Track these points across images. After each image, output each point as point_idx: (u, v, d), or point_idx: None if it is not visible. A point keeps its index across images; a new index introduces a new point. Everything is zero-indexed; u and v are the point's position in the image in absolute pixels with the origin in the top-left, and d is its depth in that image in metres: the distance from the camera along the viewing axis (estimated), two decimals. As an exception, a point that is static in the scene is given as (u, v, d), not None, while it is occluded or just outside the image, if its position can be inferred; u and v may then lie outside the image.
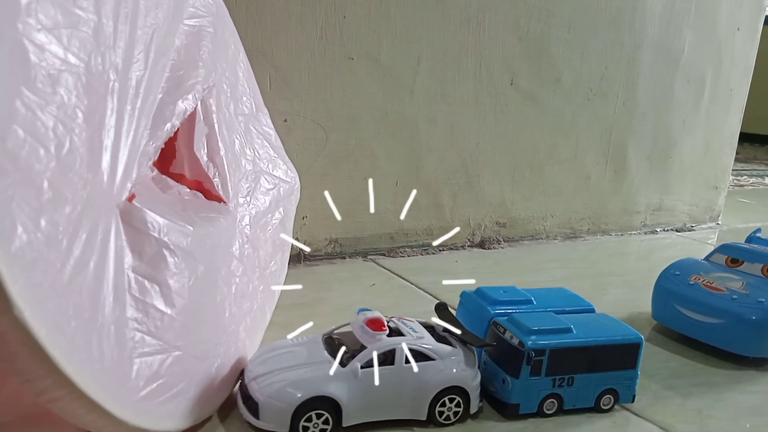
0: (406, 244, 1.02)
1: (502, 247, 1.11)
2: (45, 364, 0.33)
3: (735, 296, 0.68)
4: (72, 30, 0.36)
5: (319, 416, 0.48)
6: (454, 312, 0.60)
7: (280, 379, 0.48)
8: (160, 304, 0.43)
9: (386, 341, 0.50)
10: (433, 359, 0.51)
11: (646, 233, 1.31)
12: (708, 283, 0.72)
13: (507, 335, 0.54)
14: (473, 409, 0.53)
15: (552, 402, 0.54)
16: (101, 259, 0.38)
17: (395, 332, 0.52)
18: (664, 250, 1.20)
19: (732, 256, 0.77)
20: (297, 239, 0.91)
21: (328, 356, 0.50)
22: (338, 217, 0.92)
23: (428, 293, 0.85)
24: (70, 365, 0.34)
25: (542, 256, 1.09)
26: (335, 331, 0.55)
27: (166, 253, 0.44)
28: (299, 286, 0.78)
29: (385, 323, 0.52)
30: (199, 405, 0.47)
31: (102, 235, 0.38)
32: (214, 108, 0.56)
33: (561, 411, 0.55)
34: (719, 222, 1.44)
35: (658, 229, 1.34)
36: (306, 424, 0.48)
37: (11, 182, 0.31)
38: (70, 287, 0.35)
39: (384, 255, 1.00)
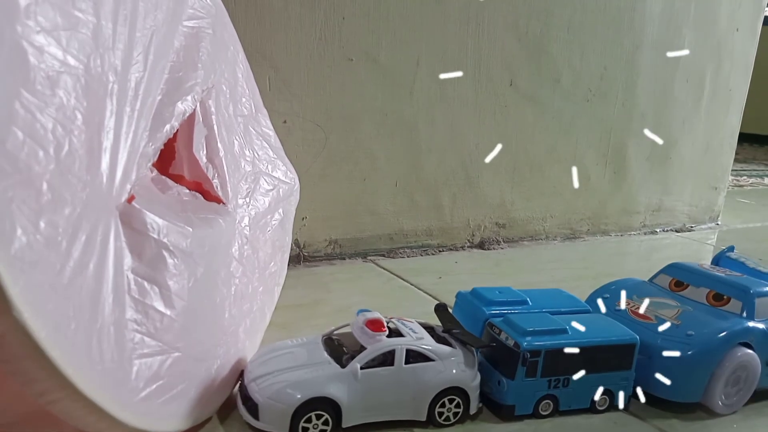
0: (405, 245, 1.02)
1: (502, 248, 1.11)
2: (45, 366, 0.33)
3: (662, 327, 0.58)
4: (71, 32, 0.36)
5: (318, 417, 0.48)
6: (453, 313, 0.60)
7: (280, 380, 0.48)
8: (159, 306, 0.43)
9: (386, 342, 0.50)
10: (432, 360, 0.51)
11: (645, 234, 1.31)
12: (635, 310, 0.61)
13: (502, 336, 0.54)
14: (473, 410, 0.53)
15: (548, 403, 0.54)
16: (101, 261, 0.38)
17: (395, 333, 0.52)
18: (663, 250, 1.20)
19: (677, 278, 0.65)
20: (297, 240, 0.91)
21: (328, 357, 0.51)
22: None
23: (428, 294, 0.85)
24: (70, 367, 0.34)
25: (542, 256, 1.09)
26: (335, 332, 0.55)
27: (166, 254, 0.44)
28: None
29: (385, 324, 0.52)
30: (199, 406, 0.48)
31: (101, 237, 0.38)
32: (213, 109, 0.56)
33: (557, 412, 0.55)
34: (719, 222, 1.44)
35: (658, 230, 1.34)
36: (306, 425, 0.48)
37: (11, 184, 0.31)
38: (70, 289, 0.35)
39: (383, 256, 1.00)
